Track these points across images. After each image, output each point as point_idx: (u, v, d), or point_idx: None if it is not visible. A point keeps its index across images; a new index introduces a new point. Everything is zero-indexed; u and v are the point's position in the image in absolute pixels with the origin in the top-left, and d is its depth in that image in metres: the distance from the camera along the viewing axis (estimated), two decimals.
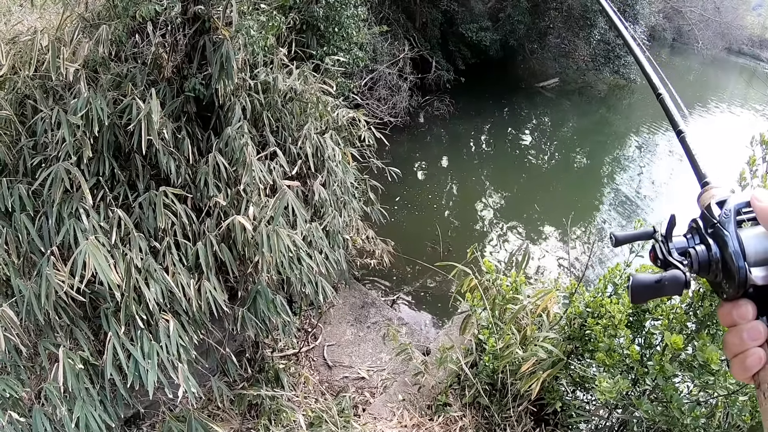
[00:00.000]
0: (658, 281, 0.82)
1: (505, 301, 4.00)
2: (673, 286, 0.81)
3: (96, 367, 3.29)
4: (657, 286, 0.82)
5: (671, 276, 0.81)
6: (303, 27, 6.60)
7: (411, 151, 11.55)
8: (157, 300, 3.23)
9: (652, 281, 0.83)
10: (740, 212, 0.77)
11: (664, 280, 0.81)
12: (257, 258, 3.63)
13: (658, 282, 0.82)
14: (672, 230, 0.85)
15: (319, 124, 4.76)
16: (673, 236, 0.84)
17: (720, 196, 0.82)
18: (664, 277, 0.82)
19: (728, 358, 0.76)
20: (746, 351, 0.72)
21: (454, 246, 7.72)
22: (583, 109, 15.52)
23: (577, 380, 3.68)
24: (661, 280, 0.82)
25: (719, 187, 0.85)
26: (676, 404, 2.86)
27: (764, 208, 0.73)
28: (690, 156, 0.95)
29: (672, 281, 0.81)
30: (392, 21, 11.50)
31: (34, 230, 3.15)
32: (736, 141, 3.84)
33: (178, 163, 3.64)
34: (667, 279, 0.81)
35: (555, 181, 11.26)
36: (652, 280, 0.83)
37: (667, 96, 1.07)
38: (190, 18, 3.77)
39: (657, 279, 0.82)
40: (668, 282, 0.81)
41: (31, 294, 3.00)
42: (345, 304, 6.19)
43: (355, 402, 4.82)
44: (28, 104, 3.49)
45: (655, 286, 0.82)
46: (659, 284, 0.82)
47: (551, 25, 15.06)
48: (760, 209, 0.74)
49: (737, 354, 0.73)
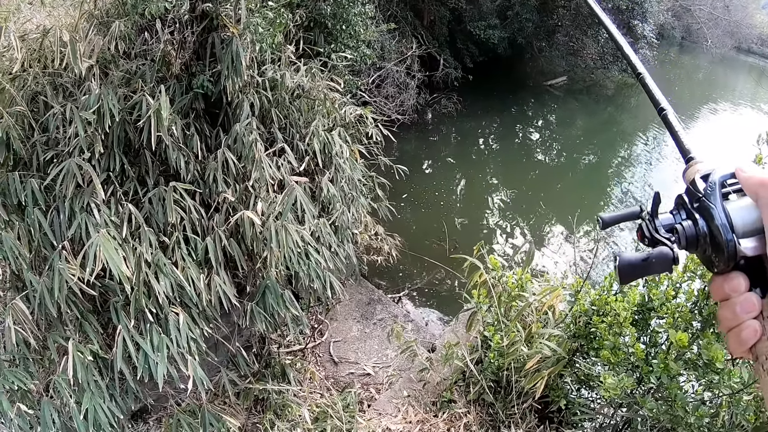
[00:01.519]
0: (645, 259, 0.81)
1: (511, 298, 4.01)
2: (661, 263, 0.80)
3: (105, 360, 3.33)
4: (644, 264, 0.81)
5: (658, 253, 0.80)
6: (311, 24, 6.61)
7: (418, 148, 11.56)
8: (167, 293, 3.26)
9: (639, 260, 0.82)
10: (725, 184, 0.76)
11: (652, 258, 0.80)
12: (266, 253, 3.65)
13: (645, 260, 0.81)
14: (657, 207, 0.84)
15: (326, 121, 4.78)
16: (660, 213, 0.84)
17: (704, 170, 0.81)
18: (651, 255, 0.81)
19: (723, 332, 0.75)
20: (741, 324, 0.71)
21: (460, 243, 7.73)
22: (590, 107, 15.48)
23: (582, 378, 3.68)
24: (648, 258, 0.81)
25: (703, 162, 0.84)
26: (681, 403, 2.87)
27: (749, 178, 0.73)
28: (672, 132, 0.94)
29: (659, 258, 0.80)
30: (400, 18, 11.48)
31: (47, 224, 3.18)
32: (744, 139, 3.83)
33: (187, 159, 3.67)
34: (655, 256, 0.80)
35: (562, 179, 11.25)
36: (639, 258, 0.82)
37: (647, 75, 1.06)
38: (198, 15, 3.79)
39: (644, 257, 0.81)
40: (656, 259, 0.80)
41: (43, 287, 3.04)
42: (351, 301, 6.22)
43: (360, 398, 4.84)
44: (39, 100, 3.52)
45: (642, 264, 0.82)
46: (646, 262, 0.81)
47: (559, 22, 15.02)
48: (744, 179, 0.73)
49: (732, 328, 0.72)
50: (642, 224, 0.85)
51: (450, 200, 9.89)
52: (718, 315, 0.75)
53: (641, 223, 0.86)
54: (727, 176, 0.77)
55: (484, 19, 13.67)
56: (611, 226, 1.01)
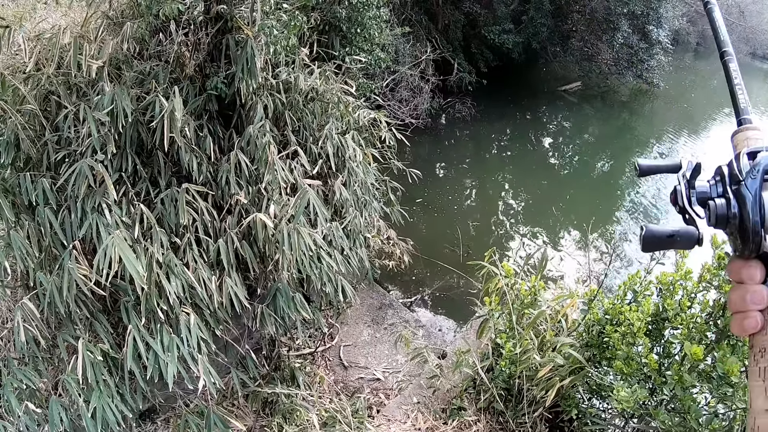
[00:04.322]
0: (670, 236, 0.82)
1: (524, 305, 3.98)
2: (685, 241, 0.81)
3: (115, 360, 3.33)
4: (669, 239, 0.82)
5: (685, 231, 0.81)
6: (325, 28, 6.62)
7: (432, 152, 11.53)
8: (178, 294, 3.26)
9: (665, 234, 0.82)
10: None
11: (677, 236, 0.81)
12: (278, 256, 3.64)
13: (670, 236, 0.82)
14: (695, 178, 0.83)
15: (340, 125, 4.77)
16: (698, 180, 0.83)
17: (754, 144, 0.80)
18: (677, 233, 0.82)
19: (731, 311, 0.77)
20: (746, 312, 0.73)
21: (473, 248, 7.69)
22: (605, 113, 15.37)
23: (594, 388, 3.64)
24: (674, 235, 0.82)
25: (757, 130, 0.83)
26: (694, 415, 2.82)
27: None
28: (731, 84, 0.91)
29: (684, 236, 0.81)
30: (414, 22, 11.48)
31: (57, 224, 3.19)
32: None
33: (200, 161, 3.67)
34: (680, 234, 0.81)
35: (576, 185, 11.18)
36: (665, 233, 0.82)
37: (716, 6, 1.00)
38: (212, 17, 3.80)
39: (670, 233, 0.82)
40: (680, 237, 0.81)
41: (53, 287, 3.04)
42: (362, 305, 6.20)
43: (369, 403, 4.82)
44: (52, 100, 3.53)
45: (667, 239, 0.82)
46: (672, 238, 0.82)
47: (574, 28, 14.95)
48: None
49: (738, 312, 0.74)
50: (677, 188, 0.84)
51: (463, 205, 9.85)
52: (728, 295, 0.77)
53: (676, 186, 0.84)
54: None
55: (498, 23, 13.63)
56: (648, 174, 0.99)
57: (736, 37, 20.97)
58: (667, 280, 3.25)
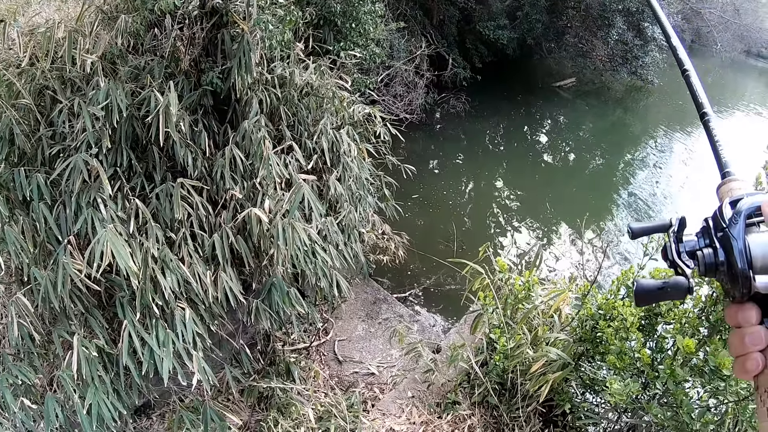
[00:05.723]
0: (660, 288, 0.84)
1: (517, 300, 3.99)
2: (676, 292, 0.83)
3: (111, 356, 3.32)
4: (660, 292, 0.84)
5: (674, 283, 0.83)
6: (320, 22, 6.61)
7: (426, 148, 11.54)
8: (173, 289, 3.26)
9: (656, 287, 0.85)
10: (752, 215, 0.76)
11: (667, 287, 0.83)
12: (272, 251, 3.65)
13: (660, 288, 0.84)
14: (682, 232, 0.85)
15: (335, 120, 4.77)
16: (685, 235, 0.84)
17: (736, 194, 0.81)
18: (667, 284, 0.83)
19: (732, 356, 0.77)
20: (747, 354, 0.73)
21: (467, 244, 7.70)
22: (599, 109, 15.40)
23: (587, 382, 3.66)
24: (664, 287, 0.84)
25: (739, 181, 0.85)
26: (686, 409, 2.84)
27: None
28: (712, 142, 0.93)
29: (675, 288, 0.83)
30: (409, 17, 11.47)
31: (52, 219, 3.18)
32: (754, 145, 3.79)
33: (195, 156, 3.67)
34: (671, 286, 0.83)
35: (570, 181, 11.21)
36: (656, 286, 0.85)
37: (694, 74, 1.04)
38: (208, 12, 3.79)
39: (660, 285, 0.84)
40: (671, 288, 0.83)
41: (47, 282, 3.03)
42: (356, 300, 6.21)
43: (364, 397, 4.84)
44: (46, 95, 3.52)
45: (658, 292, 0.85)
46: (662, 290, 0.84)
47: (569, 24, 14.95)
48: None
49: (739, 355, 0.75)
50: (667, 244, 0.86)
51: (457, 200, 9.87)
52: (728, 340, 0.78)
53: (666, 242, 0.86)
54: (753, 208, 0.76)
55: (493, 19, 13.63)
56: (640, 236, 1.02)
57: (731, 35, 20.96)
58: (660, 275, 3.26)
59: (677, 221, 0.87)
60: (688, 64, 1.08)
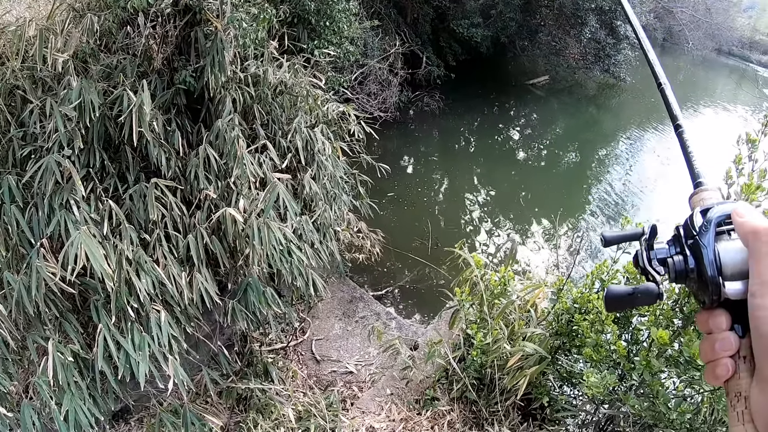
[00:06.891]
0: (631, 294, 0.85)
1: (494, 296, 4.02)
2: (646, 298, 0.84)
3: (86, 361, 3.28)
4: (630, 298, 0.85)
5: (644, 289, 0.83)
6: (294, 20, 6.58)
7: (400, 146, 11.56)
8: (148, 291, 3.22)
9: (626, 293, 0.85)
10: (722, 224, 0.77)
11: (638, 293, 0.84)
12: (248, 250, 3.63)
13: (630, 294, 0.85)
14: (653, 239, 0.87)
15: (309, 118, 4.76)
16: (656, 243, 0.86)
17: (707, 203, 0.83)
18: (637, 290, 0.84)
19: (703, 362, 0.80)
20: (717, 360, 0.74)
21: (442, 241, 7.73)
22: (572, 107, 15.55)
23: (565, 375, 3.70)
24: (633, 293, 0.84)
25: (710, 190, 0.86)
26: (663, 399, 2.88)
27: (742, 224, 0.74)
28: (686, 153, 0.95)
29: (645, 294, 0.83)
30: (383, 16, 11.46)
31: (24, 221, 3.13)
32: (724, 141, 3.86)
33: (169, 156, 3.63)
34: (641, 291, 0.84)
35: (543, 178, 11.31)
36: (626, 292, 0.85)
37: (669, 87, 1.06)
38: (181, 9, 3.75)
39: (630, 291, 0.85)
40: (641, 294, 0.84)
41: (21, 286, 2.98)
42: (333, 299, 6.20)
43: (343, 396, 4.84)
44: (17, 94, 3.46)
45: (628, 298, 0.85)
46: (632, 296, 0.85)
47: (542, 22, 15.07)
48: (738, 225, 0.74)
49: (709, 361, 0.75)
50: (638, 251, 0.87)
51: (432, 198, 9.91)
52: (699, 347, 0.79)
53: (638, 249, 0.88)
54: (723, 217, 0.78)
55: (467, 17, 13.68)
56: (614, 244, 1.03)
57: (702, 33, 21.27)
58: (634, 268, 3.30)
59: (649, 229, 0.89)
60: (663, 78, 1.10)
